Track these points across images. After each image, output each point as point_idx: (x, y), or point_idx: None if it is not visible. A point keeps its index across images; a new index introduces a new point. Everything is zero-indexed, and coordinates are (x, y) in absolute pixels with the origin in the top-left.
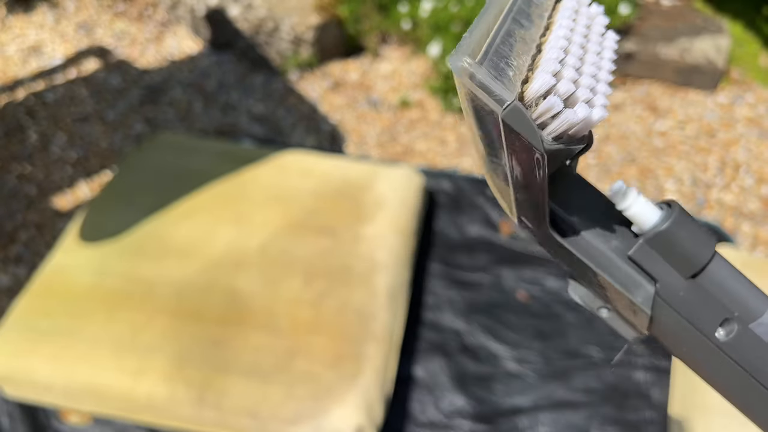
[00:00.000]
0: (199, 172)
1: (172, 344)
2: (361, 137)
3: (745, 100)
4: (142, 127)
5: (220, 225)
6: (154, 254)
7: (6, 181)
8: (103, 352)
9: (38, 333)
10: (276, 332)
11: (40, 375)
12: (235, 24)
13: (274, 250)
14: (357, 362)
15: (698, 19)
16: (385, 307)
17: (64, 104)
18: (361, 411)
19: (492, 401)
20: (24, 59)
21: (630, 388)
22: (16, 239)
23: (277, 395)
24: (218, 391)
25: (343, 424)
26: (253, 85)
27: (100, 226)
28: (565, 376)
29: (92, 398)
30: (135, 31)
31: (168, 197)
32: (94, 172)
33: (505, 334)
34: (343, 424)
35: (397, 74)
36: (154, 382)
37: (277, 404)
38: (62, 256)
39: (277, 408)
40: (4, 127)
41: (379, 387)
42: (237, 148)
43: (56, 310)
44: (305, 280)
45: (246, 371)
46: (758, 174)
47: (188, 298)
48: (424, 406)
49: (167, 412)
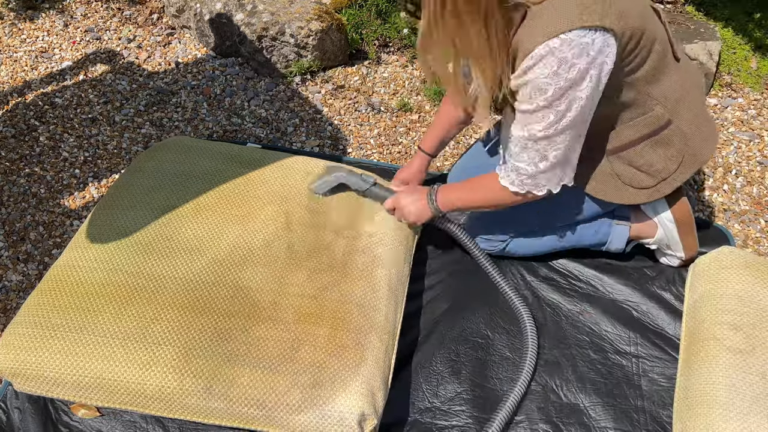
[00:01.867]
0: (205, 174)
1: (181, 337)
2: (362, 140)
3: (736, 103)
4: (149, 129)
5: (227, 223)
6: (163, 251)
7: (16, 181)
8: (113, 345)
9: (49, 328)
10: (281, 324)
11: (51, 369)
12: (239, 29)
13: (278, 246)
14: (359, 351)
15: (690, 24)
16: (386, 300)
17: (72, 107)
18: (364, 398)
19: (488, 388)
20: (33, 63)
21: (621, 377)
22: (25, 238)
23: (283, 384)
24: (226, 382)
25: (347, 411)
26: (257, 89)
27: (109, 225)
28: (559, 364)
29: (102, 391)
30: (142, 35)
31: (176, 197)
32: (101, 173)
33: (500, 322)
34: (346, 411)
35: (396, 79)
36: (163, 374)
37: (283, 393)
38: (73, 253)
39: (282, 397)
40: (14, 129)
41: (381, 375)
42: (243, 150)
43: (67, 305)
44: (308, 275)
45: (252, 362)
46: (748, 175)
47: (196, 292)
48: (424, 393)
49: (176, 403)
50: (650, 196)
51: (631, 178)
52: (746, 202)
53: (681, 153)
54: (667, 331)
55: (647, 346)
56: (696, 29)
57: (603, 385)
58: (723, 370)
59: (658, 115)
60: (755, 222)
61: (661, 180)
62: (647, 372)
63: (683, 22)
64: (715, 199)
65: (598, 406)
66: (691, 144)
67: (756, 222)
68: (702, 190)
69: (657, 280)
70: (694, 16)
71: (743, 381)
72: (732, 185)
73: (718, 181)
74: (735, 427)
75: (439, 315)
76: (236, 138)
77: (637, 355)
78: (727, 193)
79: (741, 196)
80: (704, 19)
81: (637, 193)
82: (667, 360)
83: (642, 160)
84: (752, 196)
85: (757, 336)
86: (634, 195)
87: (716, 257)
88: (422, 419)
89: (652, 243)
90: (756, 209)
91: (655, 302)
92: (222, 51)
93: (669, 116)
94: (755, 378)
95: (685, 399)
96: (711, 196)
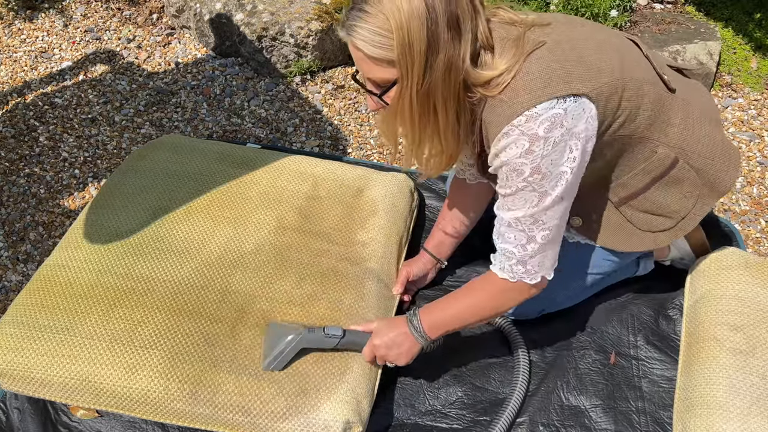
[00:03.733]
0: (197, 174)
1: (168, 341)
2: (362, 140)
3: (736, 103)
4: (149, 129)
5: (217, 226)
6: (153, 254)
7: (16, 181)
8: (100, 348)
9: (36, 329)
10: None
11: (37, 370)
12: (239, 29)
13: (269, 251)
14: (344, 359)
15: (690, 24)
16: (375, 309)
17: (72, 107)
18: (348, 406)
19: (490, 390)
20: (33, 63)
21: (622, 379)
22: (25, 238)
23: (268, 392)
24: (211, 388)
25: (332, 419)
26: (257, 89)
27: (100, 225)
28: (561, 365)
29: (88, 394)
30: (142, 35)
31: (167, 198)
32: (101, 173)
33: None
34: (331, 419)
35: None
36: (149, 378)
37: (268, 400)
38: (63, 253)
39: (267, 404)
40: (14, 130)
41: (366, 383)
42: (235, 150)
43: (54, 306)
44: (298, 282)
45: (238, 368)
46: (748, 175)
47: (184, 296)
48: (425, 395)
49: (161, 407)
50: (673, 236)
51: (648, 224)
52: (746, 202)
53: (696, 188)
54: (667, 332)
55: (647, 348)
56: (696, 29)
57: (603, 387)
58: (723, 371)
59: (662, 157)
60: (755, 222)
61: (680, 219)
62: (647, 373)
63: (683, 22)
64: None
65: (599, 408)
66: (706, 177)
67: (756, 222)
68: None
69: (657, 281)
70: (694, 16)
71: (743, 382)
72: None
73: None
74: (735, 428)
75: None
76: (236, 138)
77: (637, 357)
78: (726, 194)
79: (741, 196)
80: (704, 19)
81: (656, 236)
82: (667, 361)
83: (655, 204)
84: (752, 196)
85: (758, 337)
86: (653, 239)
87: (716, 258)
88: (422, 422)
89: (667, 260)
90: (756, 209)
91: (655, 303)
92: (222, 51)
93: (675, 154)
94: (755, 379)
95: (686, 400)
96: None
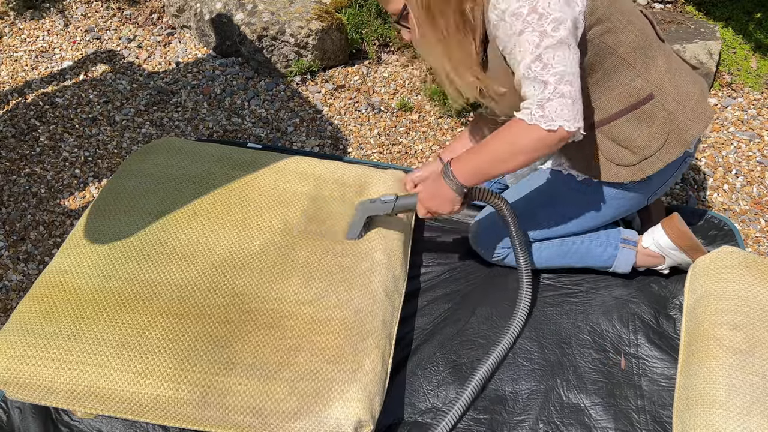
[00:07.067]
0: (198, 177)
1: (176, 345)
2: (362, 139)
3: (736, 102)
4: (149, 129)
5: (221, 228)
6: (157, 258)
7: (16, 181)
8: (108, 354)
9: (42, 336)
10: (278, 331)
11: (44, 378)
12: (239, 29)
13: (274, 252)
14: (357, 357)
15: (690, 24)
16: (383, 305)
17: (72, 107)
18: (361, 405)
19: (489, 388)
20: (33, 63)
21: (622, 377)
22: (25, 238)
23: (280, 392)
24: (221, 390)
25: (344, 418)
26: (258, 88)
27: (102, 230)
28: (560, 363)
29: (97, 400)
30: (142, 35)
31: (169, 202)
32: (101, 173)
33: (500, 322)
34: (343, 418)
35: (396, 78)
36: (158, 383)
37: (280, 400)
38: (65, 259)
39: (279, 404)
40: (14, 129)
41: (378, 381)
42: (233, 152)
43: (60, 312)
44: (305, 281)
45: (248, 369)
46: (748, 175)
47: (191, 299)
48: (425, 394)
49: (171, 411)
50: (633, 174)
51: (613, 153)
52: (746, 202)
53: (665, 131)
54: (667, 331)
55: (648, 346)
56: (696, 29)
57: (603, 385)
58: (723, 370)
59: (639, 88)
60: (755, 222)
61: (644, 158)
62: (647, 372)
63: (683, 22)
64: (715, 198)
65: (599, 406)
66: (677, 122)
67: (756, 222)
68: (702, 189)
69: (657, 280)
70: (694, 16)
71: (743, 381)
72: (732, 185)
73: (718, 181)
74: (735, 426)
75: (439, 315)
76: (236, 138)
77: (637, 355)
78: (727, 193)
79: (741, 196)
80: (704, 19)
81: (619, 170)
82: (667, 360)
83: (623, 134)
84: (752, 195)
85: (757, 336)
86: (616, 172)
87: (716, 257)
88: (422, 420)
89: (665, 268)
90: (756, 209)
91: (656, 302)
92: (222, 51)
93: (651, 90)
94: (755, 378)
95: (685, 399)
96: (711, 196)
